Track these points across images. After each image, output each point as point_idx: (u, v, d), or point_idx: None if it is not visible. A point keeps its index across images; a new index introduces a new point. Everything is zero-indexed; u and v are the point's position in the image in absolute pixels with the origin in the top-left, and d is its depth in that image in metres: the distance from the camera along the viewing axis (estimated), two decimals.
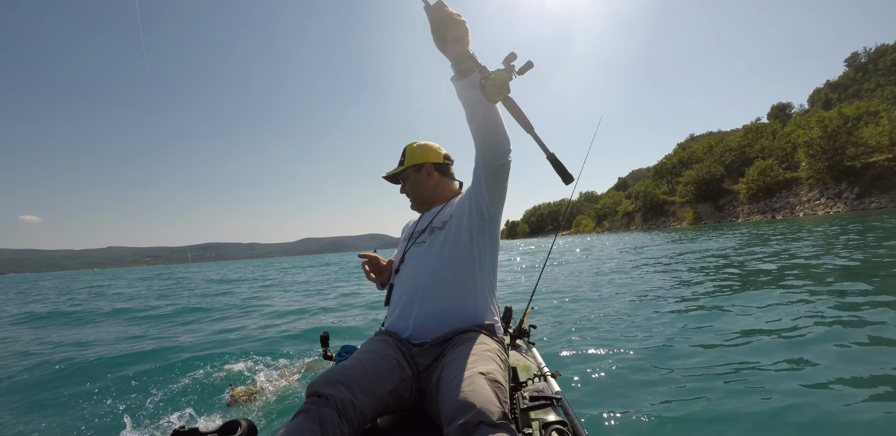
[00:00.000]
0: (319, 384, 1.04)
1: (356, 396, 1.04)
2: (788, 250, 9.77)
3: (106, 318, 7.76)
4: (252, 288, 13.00)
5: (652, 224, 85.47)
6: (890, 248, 8.19)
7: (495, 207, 1.39)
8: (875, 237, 10.82)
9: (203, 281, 18.92)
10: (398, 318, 1.44)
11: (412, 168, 1.64)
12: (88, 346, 5.00)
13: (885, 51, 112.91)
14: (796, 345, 3.11)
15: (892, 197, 42.70)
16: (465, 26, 1.12)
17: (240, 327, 5.70)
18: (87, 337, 5.61)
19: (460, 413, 0.92)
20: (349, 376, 1.08)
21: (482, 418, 0.89)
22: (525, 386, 1.46)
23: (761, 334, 3.46)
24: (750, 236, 17.47)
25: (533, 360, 1.82)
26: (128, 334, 5.68)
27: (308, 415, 0.97)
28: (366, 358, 1.19)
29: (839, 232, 14.07)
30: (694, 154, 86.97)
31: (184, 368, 3.65)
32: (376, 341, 1.35)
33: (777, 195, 58.74)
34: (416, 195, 1.66)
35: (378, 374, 1.14)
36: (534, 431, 1.13)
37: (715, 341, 3.42)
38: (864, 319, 3.54)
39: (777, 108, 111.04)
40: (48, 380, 3.61)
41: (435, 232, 1.50)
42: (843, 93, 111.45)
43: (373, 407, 1.08)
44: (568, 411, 1.23)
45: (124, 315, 7.94)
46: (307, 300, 8.50)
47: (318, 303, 7.86)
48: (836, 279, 5.52)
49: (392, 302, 1.53)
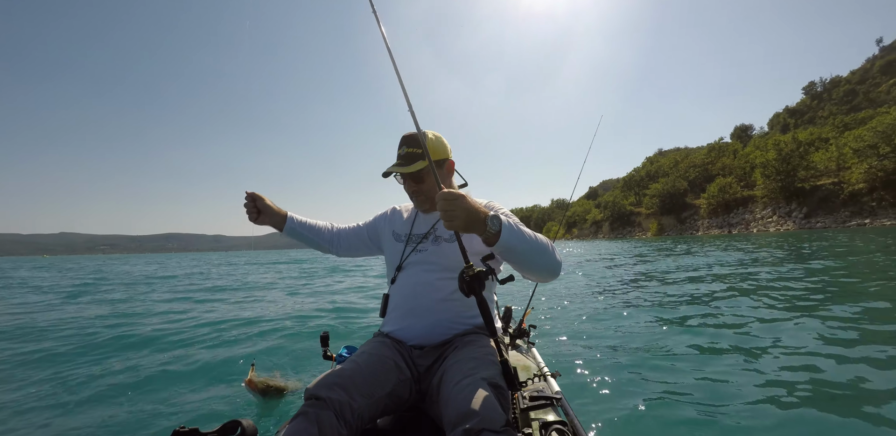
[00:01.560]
0: (317, 387, 1.04)
1: (354, 398, 1.04)
2: (762, 262, 10.35)
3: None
4: (165, 293, 9.70)
5: (618, 233, 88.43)
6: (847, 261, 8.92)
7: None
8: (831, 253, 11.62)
9: (130, 276, 16.80)
10: (397, 323, 1.41)
11: (436, 163, 1.45)
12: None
13: (838, 82, 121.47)
14: (794, 345, 3.19)
15: (835, 218, 45.89)
16: (463, 203, 1.04)
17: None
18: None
19: (464, 419, 0.92)
20: (346, 378, 1.08)
21: (486, 426, 0.90)
22: (525, 386, 1.45)
23: (760, 334, 3.54)
24: (726, 249, 18.01)
25: (533, 360, 1.82)
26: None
27: (306, 417, 0.97)
28: (363, 360, 1.19)
29: (808, 249, 14.90)
30: (661, 168, 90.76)
31: (183, 364, 3.52)
32: (374, 343, 1.33)
33: (734, 211, 61.97)
34: (432, 197, 1.47)
35: (376, 376, 1.14)
36: (534, 431, 1.13)
37: (714, 342, 3.45)
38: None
39: (739, 128, 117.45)
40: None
41: (441, 243, 1.43)
42: (799, 118, 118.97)
43: (371, 409, 1.09)
44: (568, 411, 1.24)
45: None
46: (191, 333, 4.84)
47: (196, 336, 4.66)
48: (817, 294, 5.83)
49: (389, 310, 1.48)
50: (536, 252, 1.14)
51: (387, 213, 1.68)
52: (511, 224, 1.10)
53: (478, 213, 1.06)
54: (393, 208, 1.69)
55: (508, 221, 1.10)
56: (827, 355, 2.95)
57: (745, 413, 2.20)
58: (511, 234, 1.09)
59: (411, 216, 1.59)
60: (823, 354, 3.00)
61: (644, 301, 5.63)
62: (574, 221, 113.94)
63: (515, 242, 1.09)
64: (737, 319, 4.24)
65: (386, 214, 1.68)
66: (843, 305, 4.47)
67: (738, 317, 4.31)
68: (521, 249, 1.11)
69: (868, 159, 43.81)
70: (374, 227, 1.67)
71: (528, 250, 1.12)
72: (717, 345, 3.40)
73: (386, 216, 1.67)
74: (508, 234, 1.08)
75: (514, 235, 1.09)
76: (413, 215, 1.59)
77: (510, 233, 1.08)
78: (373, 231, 1.67)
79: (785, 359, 2.95)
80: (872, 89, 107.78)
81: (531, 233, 1.16)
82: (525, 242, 1.11)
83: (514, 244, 1.09)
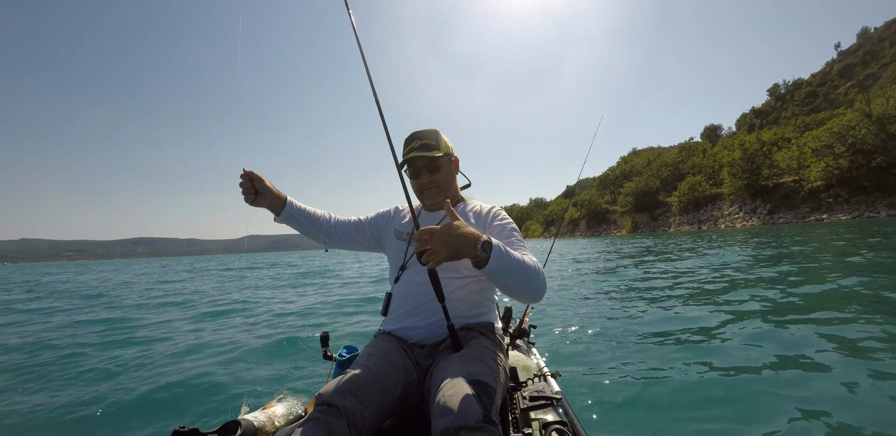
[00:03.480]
0: (330, 394, 1.02)
1: (366, 407, 1.03)
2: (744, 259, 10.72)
3: None
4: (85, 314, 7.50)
5: (595, 231, 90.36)
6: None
7: None
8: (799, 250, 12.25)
9: (62, 287, 14.58)
10: (398, 321, 1.41)
11: (447, 156, 1.46)
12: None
13: (800, 84, 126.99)
14: (793, 345, 3.17)
15: (796, 214, 48.17)
16: (458, 234, 1.07)
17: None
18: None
19: (440, 419, 0.92)
20: (360, 385, 1.07)
21: (460, 423, 0.89)
22: (525, 386, 1.45)
23: (759, 335, 3.52)
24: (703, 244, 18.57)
25: (533, 360, 1.81)
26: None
27: (317, 424, 0.95)
28: (374, 364, 1.16)
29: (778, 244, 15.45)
30: (634, 167, 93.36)
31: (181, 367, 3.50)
32: (382, 344, 1.31)
33: (704, 208, 64.23)
34: (446, 188, 1.49)
35: (387, 381, 1.13)
36: (534, 431, 1.13)
37: (713, 343, 3.45)
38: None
39: (709, 128, 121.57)
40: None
41: None
42: (764, 119, 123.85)
43: (381, 416, 1.09)
44: (568, 411, 1.24)
45: None
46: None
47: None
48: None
49: (392, 309, 1.47)
50: (522, 280, 1.16)
51: (389, 211, 1.67)
52: (502, 251, 1.12)
53: (464, 239, 1.07)
54: (395, 207, 1.68)
55: (500, 248, 1.12)
56: (827, 355, 2.94)
57: (745, 413, 2.19)
58: (500, 263, 1.10)
59: (407, 215, 1.59)
60: (822, 352, 2.99)
61: (644, 301, 5.62)
62: (552, 219, 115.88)
63: (502, 270, 1.11)
64: (736, 319, 4.17)
65: (388, 212, 1.67)
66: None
67: (737, 317, 4.25)
68: (505, 277, 1.14)
69: (825, 158, 46.18)
70: (375, 224, 1.65)
71: (514, 279, 1.15)
72: (717, 344, 3.38)
73: (388, 214, 1.66)
74: (496, 262, 1.10)
75: (502, 263, 1.11)
76: (417, 214, 1.57)
77: (498, 261, 1.10)
78: (374, 228, 1.64)
79: (786, 359, 2.91)
80: (831, 91, 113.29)
81: (520, 260, 1.16)
82: (512, 272, 1.13)
83: (499, 272, 1.11)
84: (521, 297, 1.20)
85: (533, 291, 1.19)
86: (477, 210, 1.50)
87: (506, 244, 1.26)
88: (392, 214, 1.65)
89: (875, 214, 39.81)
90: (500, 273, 1.12)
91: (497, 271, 1.11)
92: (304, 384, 3.00)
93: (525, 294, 1.19)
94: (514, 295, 1.20)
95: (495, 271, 1.11)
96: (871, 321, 3.62)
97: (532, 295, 1.20)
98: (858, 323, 3.59)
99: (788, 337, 3.39)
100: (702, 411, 2.25)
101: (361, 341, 4.24)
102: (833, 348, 3.05)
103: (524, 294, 1.19)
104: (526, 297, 1.20)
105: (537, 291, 1.20)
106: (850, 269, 6.90)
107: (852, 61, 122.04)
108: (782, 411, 2.17)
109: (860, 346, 3.03)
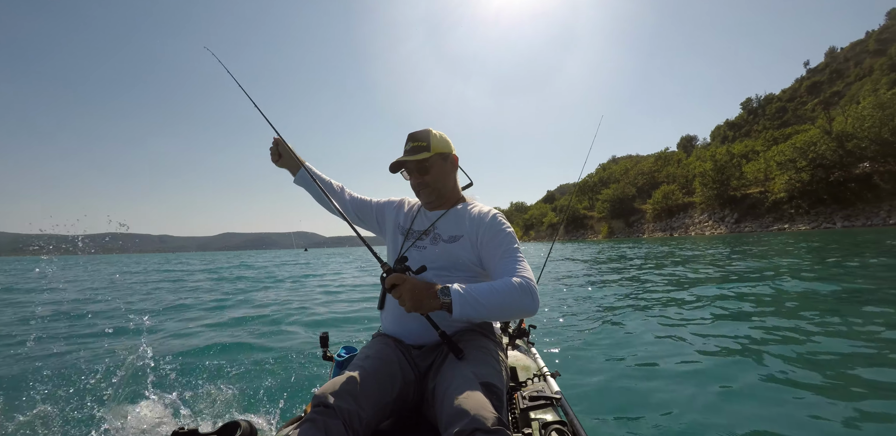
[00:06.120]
0: (326, 395, 1.03)
1: (363, 407, 1.03)
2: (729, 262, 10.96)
3: None
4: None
5: (573, 236, 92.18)
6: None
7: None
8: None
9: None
10: (395, 322, 1.41)
11: (439, 156, 1.47)
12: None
13: (771, 99, 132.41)
14: (791, 346, 3.24)
15: (760, 223, 50.41)
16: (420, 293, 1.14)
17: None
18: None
19: (455, 421, 0.92)
20: (356, 386, 1.07)
21: (477, 426, 0.89)
22: (525, 386, 1.45)
23: (759, 335, 3.56)
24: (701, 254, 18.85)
25: (533, 360, 1.81)
26: None
27: (314, 425, 0.95)
28: (370, 365, 1.17)
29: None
30: (612, 175, 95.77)
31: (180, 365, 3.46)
32: (378, 345, 1.32)
33: (676, 216, 66.45)
34: (439, 187, 1.49)
35: (383, 382, 1.14)
36: (533, 431, 1.13)
37: (713, 343, 3.48)
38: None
39: (685, 139, 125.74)
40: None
41: (439, 243, 1.44)
42: (737, 131, 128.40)
43: (378, 417, 1.09)
44: (567, 411, 1.24)
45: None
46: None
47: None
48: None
49: (387, 305, 1.47)
50: (503, 308, 1.17)
51: (397, 201, 1.69)
52: (464, 295, 1.14)
53: (422, 291, 1.13)
54: (404, 199, 1.70)
55: (461, 293, 1.14)
56: (823, 355, 3.04)
57: (744, 413, 2.19)
58: (465, 306, 1.14)
59: (413, 211, 1.60)
60: (822, 352, 3.08)
61: (644, 302, 5.67)
62: (531, 223, 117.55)
63: (471, 312, 1.14)
64: (735, 319, 4.22)
65: (396, 202, 1.69)
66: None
67: (737, 317, 4.29)
68: (481, 312, 1.16)
69: (788, 172, 48.51)
70: (382, 208, 1.68)
71: (491, 313, 1.18)
72: (716, 345, 3.40)
73: (395, 204, 1.68)
74: (461, 307, 1.13)
75: (468, 306, 1.14)
76: (415, 211, 1.59)
77: (463, 305, 1.13)
78: (380, 213, 1.68)
79: (786, 360, 2.94)
80: (800, 107, 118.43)
81: (490, 290, 1.17)
82: (484, 308, 1.15)
83: (469, 314, 1.14)
84: (511, 319, 1.26)
85: (518, 313, 1.22)
86: (475, 212, 1.46)
87: (499, 255, 1.32)
88: (397, 205, 1.67)
89: (831, 225, 42.06)
90: (474, 312, 1.15)
91: (467, 314, 1.15)
92: (303, 385, 3.00)
93: (513, 317, 1.23)
94: (503, 320, 1.26)
95: (465, 313, 1.15)
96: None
97: (519, 316, 1.22)
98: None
99: (789, 337, 3.41)
100: (701, 410, 2.26)
101: (361, 340, 4.26)
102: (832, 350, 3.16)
103: (512, 317, 1.23)
104: (515, 318, 1.25)
105: (523, 312, 1.21)
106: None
107: (820, 79, 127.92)
108: (782, 410, 2.18)
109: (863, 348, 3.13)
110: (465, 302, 1.13)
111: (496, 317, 1.21)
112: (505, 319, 1.24)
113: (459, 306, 1.13)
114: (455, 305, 1.13)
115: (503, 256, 1.31)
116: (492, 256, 1.34)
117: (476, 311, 1.15)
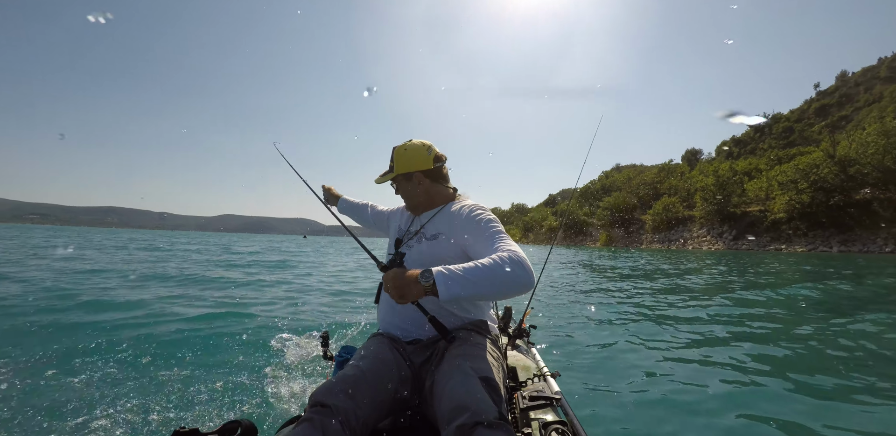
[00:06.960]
0: (323, 394, 1.04)
1: (360, 406, 1.04)
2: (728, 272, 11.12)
3: None
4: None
5: (571, 241, 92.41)
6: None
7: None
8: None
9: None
10: (388, 315, 1.48)
11: (402, 177, 1.60)
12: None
13: (779, 118, 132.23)
14: (792, 346, 3.34)
15: (757, 242, 50.61)
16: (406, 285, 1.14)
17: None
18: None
19: (456, 415, 0.93)
20: (352, 385, 1.08)
21: (478, 419, 0.90)
22: (525, 386, 1.45)
23: (758, 335, 3.67)
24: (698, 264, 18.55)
25: (533, 360, 1.82)
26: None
27: (311, 424, 0.96)
28: (366, 364, 1.20)
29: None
30: (615, 183, 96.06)
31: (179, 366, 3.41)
32: (374, 344, 1.36)
33: (675, 229, 66.62)
34: (409, 202, 1.68)
35: (380, 380, 1.15)
36: (533, 431, 1.13)
37: (712, 344, 3.52)
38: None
39: (690, 152, 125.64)
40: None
41: (423, 241, 1.52)
42: (743, 148, 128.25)
43: (375, 415, 1.10)
44: (567, 411, 1.25)
45: None
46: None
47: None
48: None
49: (382, 300, 1.55)
50: (491, 285, 1.12)
51: (399, 208, 1.88)
52: (446, 274, 1.11)
53: (404, 278, 1.14)
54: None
55: (443, 271, 1.11)
56: (824, 356, 3.16)
57: (744, 413, 2.23)
58: (450, 284, 1.10)
59: (410, 215, 1.73)
60: (822, 356, 3.19)
61: (643, 303, 5.79)
62: (531, 226, 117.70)
63: (458, 290, 1.10)
64: (734, 320, 4.32)
65: (398, 208, 1.88)
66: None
67: (735, 319, 4.39)
68: (471, 290, 1.11)
69: (789, 192, 48.61)
70: (389, 216, 1.92)
71: (482, 287, 1.12)
72: (715, 345, 3.45)
73: (399, 210, 1.85)
74: (446, 286, 1.09)
75: (453, 283, 1.10)
76: (411, 215, 1.73)
77: (448, 284, 1.10)
78: (390, 219, 1.90)
79: (786, 360, 2.99)
80: (807, 128, 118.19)
81: (475, 267, 1.13)
82: (471, 284, 1.11)
83: (457, 292, 1.10)
84: (507, 296, 1.20)
85: (512, 286, 1.14)
86: (457, 208, 1.53)
87: (482, 239, 1.32)
88: (400, 212, 1.86)
89: (828, 249, 42.20)
90: (462, 290, 1.11)
91: (455, 292, 1.10)
92: (304, 385, 3.01)
93: (507, 294, 1.17)
94: (498, 298, 1.27)
95: (453, 292, 1.10)
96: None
97: (515, 291, 1.15)
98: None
99: (788, 339, 3.48)
100: (701, 411, 2.29)
101: (361, 341, 3.96)
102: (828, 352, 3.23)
103: (506, 294, 1.18)
104: (511, 294, 1.18)
105: (516, 284, 1.14)
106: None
107: (829, 102, 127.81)
108: (781, 410, 2.20)
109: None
110: (448, 279, 1.10)
111: (488, 292, 1.14)
112: (501, 296, 1.18)
113: (444, 286, 1.09)
114: (439, 284, 1.09)
115: (486, 239, 1.32)
116: (475, 243, 1.36)
117: (463, 287, 1.10)
